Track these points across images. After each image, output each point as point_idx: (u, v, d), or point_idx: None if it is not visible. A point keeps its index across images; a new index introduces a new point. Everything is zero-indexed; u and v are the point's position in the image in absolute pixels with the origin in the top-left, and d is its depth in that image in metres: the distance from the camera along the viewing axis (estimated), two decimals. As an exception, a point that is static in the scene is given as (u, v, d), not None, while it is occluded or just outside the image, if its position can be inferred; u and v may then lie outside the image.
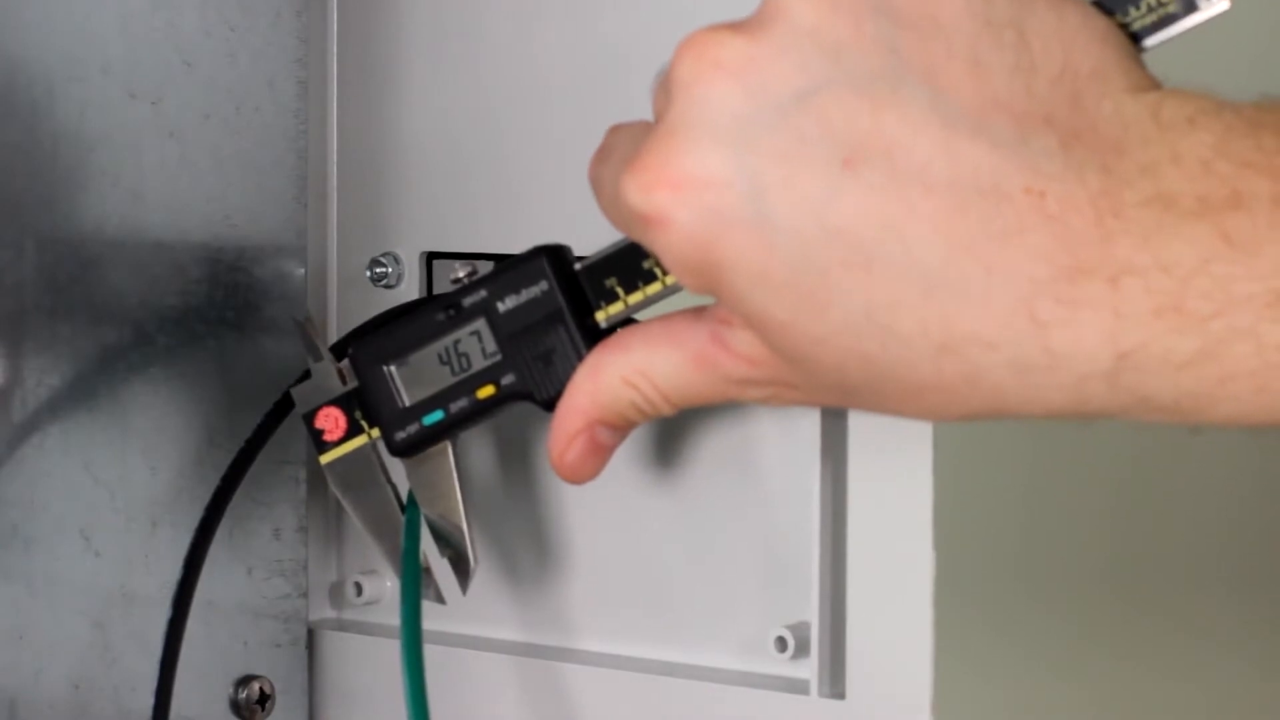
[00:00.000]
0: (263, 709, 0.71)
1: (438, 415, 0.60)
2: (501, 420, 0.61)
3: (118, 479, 0.68)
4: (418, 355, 0.60)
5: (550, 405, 0.57)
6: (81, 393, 0.67)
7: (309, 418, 0.63)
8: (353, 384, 0.62)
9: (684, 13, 0.65)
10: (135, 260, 0.68)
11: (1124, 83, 0.45)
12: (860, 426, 0.63)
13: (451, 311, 0.59)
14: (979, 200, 0.44)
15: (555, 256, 0.58)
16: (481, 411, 0.60)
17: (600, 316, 0.57)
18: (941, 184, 0.44)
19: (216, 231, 0.70)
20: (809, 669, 0.64)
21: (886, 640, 0.62)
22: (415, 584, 0.62)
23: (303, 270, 0.72)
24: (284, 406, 0.67)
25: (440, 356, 0.60)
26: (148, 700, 0.66)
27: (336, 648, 0.75)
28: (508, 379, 0.59)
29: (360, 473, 0.63)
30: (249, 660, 0.71)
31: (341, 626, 0.75)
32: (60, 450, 0.67)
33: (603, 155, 0.52)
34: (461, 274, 0.60)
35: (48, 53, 0.66)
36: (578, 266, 0.57)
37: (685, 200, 0.47)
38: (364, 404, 0.62)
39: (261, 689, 0.72)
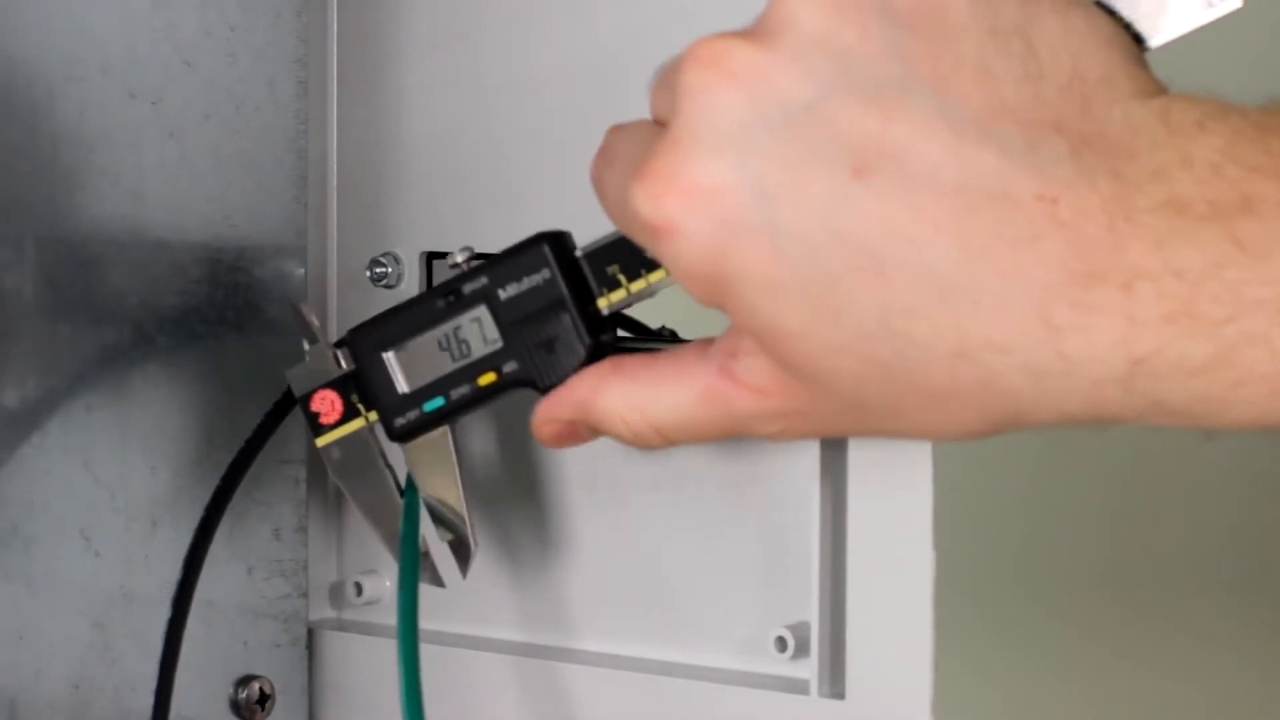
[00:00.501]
0: (263, 709, 0.71)
1: (438, 401, 0.60)
2: (502, 417, 0.61)
3: (118, 479, 0.68)
4: (417, 341, 0.60)
5: None
6: (81, 393, 0.67)
7: (304, 401, 0.62)
8: (349, 366, 0.61)
9: (683, 13, 0.66)
10: (135, 260, 0.68)
11: (1131, 87, 0.45)
12: (861, 427, 0.63)
13: (451, 298, 0.59)
14: (989, 206, 0.44)
15: (557, 243, 0.57)
16: (482, 398, 0.59)
17: (602, 304, 0.57)
18: (951, 189, 0.44)
19: (216, 231, 0.70)
20: (809, 669, 0.64)
21: (886, 640, 0.62)
22: (413, 568, 0.62)
23: (303, 270, 0.72)
24: (284, 406, 0.67)
25: (440, 343, 0.59)
26: (148, 700, 0.66)
27: (336, 648, 0.75)
28: (509, 366, 0.58)
29: (358, 457, 0.63)
30: (249, 660, 0.71)
31: (341, 626, 0.75)
32: (60, 450, 0.67)
33: (605, 157, 0.52)
34: (460, 259, 0.59)
35: (48, 53, 0.66)
36: (579, 253, 0.57)
37: (694, 209, 0.47)
38: (363, 390, 0.61)
39: (261, 689, 0.71)
